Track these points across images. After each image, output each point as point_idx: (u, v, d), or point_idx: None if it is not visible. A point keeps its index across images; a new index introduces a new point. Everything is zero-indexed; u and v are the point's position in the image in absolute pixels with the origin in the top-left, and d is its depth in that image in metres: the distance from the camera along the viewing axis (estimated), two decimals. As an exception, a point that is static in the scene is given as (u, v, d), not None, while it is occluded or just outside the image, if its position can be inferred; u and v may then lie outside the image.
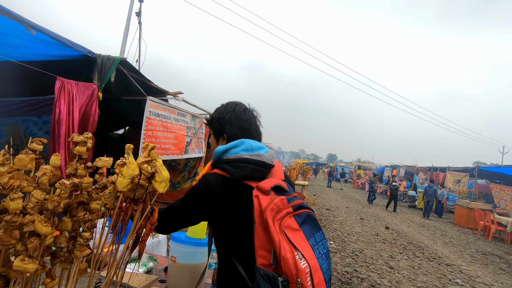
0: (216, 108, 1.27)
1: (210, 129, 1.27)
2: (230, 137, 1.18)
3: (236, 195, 1.00)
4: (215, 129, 1.23)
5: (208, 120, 1.28)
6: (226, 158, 1.10)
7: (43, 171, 0.58)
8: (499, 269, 5.92)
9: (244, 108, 1.24)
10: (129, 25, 7.73)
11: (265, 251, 0.89)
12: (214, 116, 1.24)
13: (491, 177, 13.80)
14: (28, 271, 0.54)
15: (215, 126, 1.23)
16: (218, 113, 1.23)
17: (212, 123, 1.24)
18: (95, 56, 3.17)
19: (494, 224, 9.20)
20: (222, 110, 1.24)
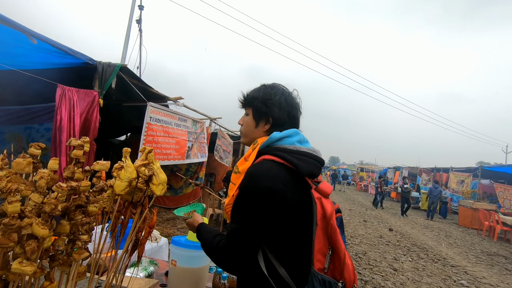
0: (256, 88, 1.13)
1: (248, 108, 1.12)
2: (277, 123, 1.06)
3: (299, 192, 0.92)
4: (258, 110, 1.08)
5: (247, 99, 1.12)
6: (283, 147, 0.99)
7: (41, 175, 0.59)
8: (505, 269, 5.85)
9: (291, 92, 1.12)
10: (130, 32, 7.81)
11: (322, 255, 0.91)
12: (257, 96, 1.09)
13: (495, 177, 13.70)
14: (26, 273, 0.55)
15: (258, 106, 1.08)
16: (264, 93, 1.08)
17: (253, 103, 1.09)
18: (95, 63, 3.21)
19: (499, 224, 9.11)
20: (268, 90, 1.09)
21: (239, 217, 0.93)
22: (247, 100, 1.12)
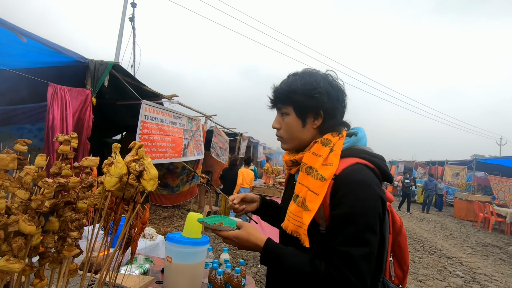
0: (288, 80, 0.94)
1: (285, 107, 0.94)
2: (329, 115, 0.92)
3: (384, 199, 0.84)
4: (302, 106, 0.91)
5: (282, 95, 0.93)
6: (365, 149, 0.91)
7: (27, 171, 0.58)
8: (500, 259, 5.94)
9: (329, 74, 0.97)
10: (123, 31, 7.73)
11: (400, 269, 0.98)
12: (295, 89, 0.91)
13: (490, 169, 13.86)
14: (13, 270, 0.54)
15: (300, 101, 0.91)
16: (304, 83, 0.91)
17: (294, 99, 0.91)
18: (87, 62, 3.18)
19: (493, 216, 9.24)
20: (307, 79, 0.92)
21: (358, 237, 0.76)
22: (283, 97, 0.93)
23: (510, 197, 10.74)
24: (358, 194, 0.79)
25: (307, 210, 0.82)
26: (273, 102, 1.00)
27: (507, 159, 12.58)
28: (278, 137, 1.01)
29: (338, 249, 0.77)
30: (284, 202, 1.07)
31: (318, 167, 0.85)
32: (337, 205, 0.81)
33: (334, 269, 0.75)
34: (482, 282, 4.44)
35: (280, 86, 0.96)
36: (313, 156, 0.90)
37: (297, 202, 0.87)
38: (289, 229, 0.88)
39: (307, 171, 0.88)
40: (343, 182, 0.81)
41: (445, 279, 4.44)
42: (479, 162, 14.34)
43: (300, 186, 0.89)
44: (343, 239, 0.77)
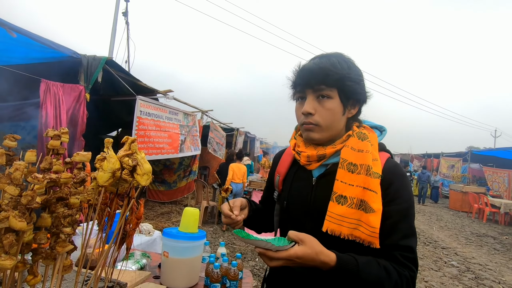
0: (332, 61, 0.85)
1: (329, 89, 0.84)
2: (362, 105, 0.92)
3: None
4: (350, 91, 0.85)
5: (328, 74, 0.83)
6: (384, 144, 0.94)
7: (16, 167, 0.57)
8: (494, 249, 6.04)
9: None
10: (116, 26, 7.62)
11: None
12: (346, 73, 0.84)
13: (484, 161, 14.01)
14: (5, 267, 0.54)
15: (349, 86, 0.84)
16: (350, 67, 0.86)
17: (343, 82, 0.84)
18: (80, 57, 3.13)
19: (488, 207, 9.37)
20: (350, 63, 0.87)
21: (413, 228, 0.82)
22: (329, 78, 0.83)
23: (504, 188, 10.89)
24: (408, 187, 0.85)
25: (373, 212, 0.78)
26: (309, 82, 0.85)
27: (501, 150, 12.72)
28: (310, 124, 0.87)
29: (400, 244, 0.79)
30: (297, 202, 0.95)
31: (371, 164, 0.82)
32: (392, 201, 0.81)
33: (402, 266, 0.78)
34: (476, 271, 4.52)
35: (323, 65, 0.84)
36: (354, 152, 0.85)
37: (350, 204, 0.81)
38: (344, 233, 0.81)
39: (349, 168, 0.83)
40: (393, 177, 0.83)
41: (440, 269, 4.51)
42: (474, 154, 14.49)
43: (344, 186, 0.82)
44: (403, 233, 0.80)
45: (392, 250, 0.79)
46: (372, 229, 0.77)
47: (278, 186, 1.04)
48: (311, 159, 0.90)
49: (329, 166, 0.91)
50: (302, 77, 0.88)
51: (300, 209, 0.93)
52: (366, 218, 0.79)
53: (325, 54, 0.91)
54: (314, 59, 0.91)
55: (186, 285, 1.31)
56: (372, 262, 0.77)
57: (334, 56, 0.88)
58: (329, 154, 0.88)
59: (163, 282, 1.31)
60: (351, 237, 0.80)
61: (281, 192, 1.03)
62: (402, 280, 0.77)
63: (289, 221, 0.99)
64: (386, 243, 0.79)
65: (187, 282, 1.32)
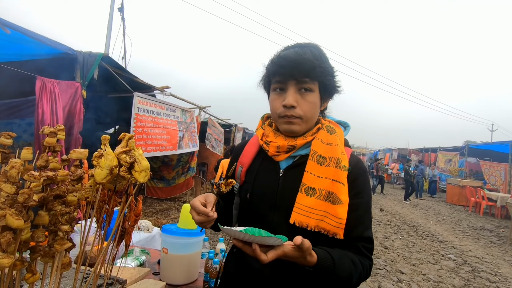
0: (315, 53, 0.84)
1: (310, 82, 0.83)
2: (331, 99, 0.95)
3: None
4: (328, 86, 0.87)
5: (312, 66, 0.81)
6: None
7: (12, 165, 0.56)
8: (490, 242, 6.11)
9: None
10: (112, 21, 7.54)
11: None
12: (327, 66, 0.85)
13: (481, 155, 14.10)
14: (3, 265, 0.53)
15: (328, 80, 0.86)
16: (327, 60, 0.87)
17: (323, 76, 0.84)
18: (75, 53, 3.10)
19: (484, 200, 9.46)
20: (327, 58, 0.88)
21: (371, 220, 0.89)
22: (313, 70, 0.82)
23: (500, 182, 10.99)
24: (369, 182, 0.90)
25: (340, 204, 0.80)
26: (293, 74, 0.82)
27: (498, 144, 12.80)
28: (292, 117, 0.85)
29: (363, 235, 0.84)
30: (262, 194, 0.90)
31: (341, 157, 0.84)
32: (358, 194, 0.85)
33: (364, 256, 0.83)
34: (473, 264, 4.57)
35: (307, 57, 0.82)
36: (324, 144, 0.86)
37: (318, 196, 0.81)
38: (311, 225, 0.80)
39: (319, 161, 0.84)
40: (358, 172, 0.87)
41: (437, 262, 4.56)
42: (471, 148, 14.57)
43: (313, 177, 0.83)
44: (366, 225, 0.85)
45: (355, 241, 0.83)
46: (339, 220, 0.79)
47: (240, 177, 0.98)
48: (281, 149, 0.89)
49: (297, 158, 0.90)
50: (285, 67, 0.83)
51: (266, 201, 0.90)
52: (333, 209, 0.80)
53: (304, 45, 0.88)
54: (294, 47, 0.87)
55: (185, 281, 1.32)
56: (343, 256, 0.78)
57: (313, 47, 0.87)
58: (299, 145, 0.88)
59: (163, 278, 1.32)
60: (317, 228, 0.81)
61: (243, 184, 0.97)
62: (364, 270, 0.82)
63: (251, 213, 0.93)
64: (351, 234, 0.82)
65: (186, 278, 1.33)
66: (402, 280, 3.79)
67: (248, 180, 0.96)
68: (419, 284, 3.68)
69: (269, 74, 0.90)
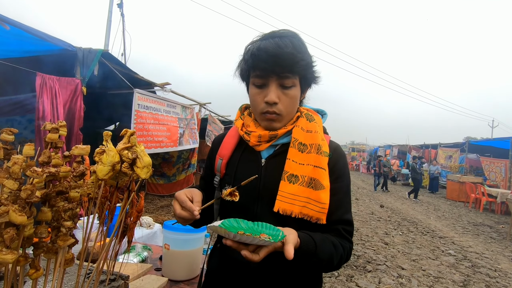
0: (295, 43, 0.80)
1: (293, 77, 0.81)
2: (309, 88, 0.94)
3: None
4: (308, 78, 0.87)
5: (294, 61, 0.78)
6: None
7: (14, 161, 0.56)
8: (490, 238, 6.13)
9: None
10: (111, 18, 7.50)
11: None
12: (307, 58, 0.83)
13: (482, 151, 14.10)
14: (6, 261, 0.53)
15: (308, 72, 0.85)
16: (306, 50, 0.84)
17: (303, 66, 0.81)
18: (75, 50, 3.09)
19: (484, 196, 9.47)
20: (304, 44, 0.85)
21: (350, 203, 0.91)
22: (294, 65, 0.79)
23: (501, 178, 10.99)
24: (347, 166, 0.93)
25: (323, 189, 0.81)
26: (275, 70, 0.79)
27: (498, 140, 12.79)
28: (274, 113, 0.84)
29: (343, 218, 0.85)
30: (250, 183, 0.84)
31: (321, 143, 0.85)
32: (338, 178, 0.87)
33: (344, 239, 0.84)
34: (473, 260, 4.59)
35: (289, 50, 0.78)
36: (304, 132, 0.87)
37: (301, 182, 0.82)
38: (295, 212, 0.81)
39: (300, 148, 0.85)
40: (338, 157, 0.89)
41: (437, 258, 4.58)
42: (471, 144, 14.57)
43: (295, 165, 0.83)
44: (346, 208, 0.87)
45: (335, 224, 0.85)
46: (322, 205, 0.80)
47: (221, 170, 0.96)
48: (262, 139, 0.87)
49: (278, 146, 0.90)
50: (265, 62, 0.79)
51: (248, 192, 0.87)
52: (316, 195, 0.81)
53: (284, 34, 0.82)
54: (273, 37, 0.81)
55: (187, 276, 1.33)
56: (324, 239, 0.79)
57: (293, 37, 0.82)
58: (280, 134, 0.88)
59: (165, 274, 1.32)
60: (301, 215, 0.81)
61: (224, 176, 0.95)
62: (345, 252, 0.83)
63: (234, 206, 0.90)
64: (331, 217, 0.83)
65: (188, 273, 1.33)
66: (402, 275, 3.81)
67: (229, 172, 0.94)
68: (419, 280, 3.70)
69: (248, 66, 0.85)
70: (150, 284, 1.11)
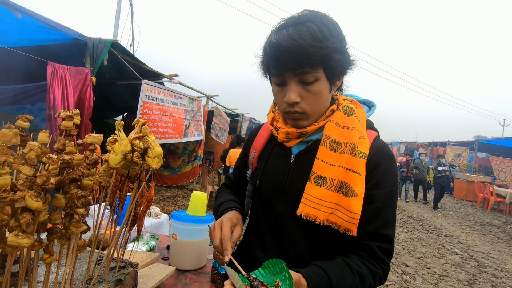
0: (305, 32, 0.67)
1: (315, 70, 0.69)
2: (346, 74, 0.79)
3: None
4: (337, 64, 0.71)
5: (312, 52, 0.66)
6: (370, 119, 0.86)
7: (30, 147, 0.57)
8: (497, 238, 6.06)
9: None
10: (120, 8, 7.49)
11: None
12: (327, 42, 0.67)
13: (492, 150, 13.85)
14: (23, 245, 0.54)
15: (335, 59, 0.70)
16: (332, 35, 0.69)
17: (327, 56, 0.68)
18: (85, 39, 3.10)
19: (493, 196, 9.33)
20: (333, 28, 0.69)
21: (394, 215, 0.76)
22: (314, 57, 0.67)
23: (510, 178, 10.80)
24: (394, 170, 0.77)
25: (355, 196, 0.70)
26: (289, 66, 0.69)
27: (509, 139, 12.53)
28: (296, 113, 0.76)
29: (380, 232, 0.73)
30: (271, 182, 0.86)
31: (358, 142, 0.74)
32: (378, 184, 0.74)
33: (377, 260, 0.73)
34: (479, 259, 4.55)
35: (303, 41, 0.66)
36: (339, 128, 0.76)
37: (329, 186, 0.73)
38: (320, 218, 0.73)
39: (332, 147, 0.75)
40: (381, 158, 0.76)
41: (443, 257, 4.55)
42: (481, 143, 14.31)
43: (325, 165, 0.74)
44: (385, 221, 0.74)
45: (370, 239, 0.73)
46: (352, 215, 0.70)
47: (253, 163, 0.93)
48: (291, 136, 0.81)
49: (311, 143, 0.82)
50: (278, 59, 0.71)
51: (274, 189, 0.84)
52: (346, 202, 0.71)
53: (300, 20, 0.70)
54: (287, 28, 0.70)
55: (194, 266, 1.34)
56: (346, 272, 0.69)
57: (311, 21, 0.69)
58: (311, 131, 0.79)
59: (172, 263, 1.34)
60: (327, 222, 0.73)
61: (255, 170, 0.92)
62: (376, 281, 0.72)
63: (261, 202, 0.88)
64: (365, 230, 0.73)
65: (195, 264, 1.34)
66: (406, 272, 3.80)
67: (259, 166, 0.91)
68: (423, 277, 3.69)
69: (264, 64, 0.78)
70: (159, 273, 1.13)
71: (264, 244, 0.87)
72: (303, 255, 0.80)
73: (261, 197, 0.90)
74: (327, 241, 0.79)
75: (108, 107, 6.90)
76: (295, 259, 0.80)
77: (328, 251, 0.79)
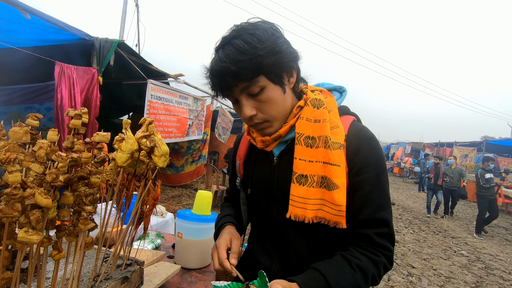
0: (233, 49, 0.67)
1: (256, 80, 0.69)
2: (298, 67, 0.78)
3: None
4: (275, 66, 0.71)
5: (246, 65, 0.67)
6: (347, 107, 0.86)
7: (40, 145, 0.58)
8: (505, 240, 5.97)
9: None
10: (126, 8, 7.56)
11: None
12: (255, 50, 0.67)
13: (500, 151, 13.65)
14: (32, 242, 0.55)
15: (271, 62, 0.69)
16: (260, 40, 0.69)
17: (261, 63, 0.68)
18: (92, 40, 3.13)
19: (501, 197, 9.20)
20: (260, 34, 0.69)
21: (387, 196, 0.74)
22: (249, 69, 0.67)
23: (519, 179, 10.63)
24: (378, 151, 0.74)
25: (337, 188, 0.69)
26: (229, 86, 0.71)
27: (518, 140, 12.33)
28: (257, 124, 0.76)
29: (374, 218, 0.71)
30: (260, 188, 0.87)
31: (329, 134, 0.72)
32: (362, 169, 0.72)
33: (378, 247, 0.71)
34: (486, 261, 4.49)
35: (230, 59, 0.67)
36: (311, 123, 0.75)
37: (310, 183, 0.72)
38: (308, 217, 0.72)
39: (307, 143, 0.74)
40: (360, 143, 0.74)
41: (449, 258, 4.50)
42: (489, 143, 14.11)
43: (304, 163, 0.73)
44: (377, 204, 0.71)
45: (366, 227, 0.71)
46: (338, 207, 0.69)
47: (240, 171, 0.94)
48: (267, 142, 0.82)
49: (289, 141, 0.81)
50: (217, 84, 0.73)
51: (264, 195, 0.85)
52: (330, 196, 0.70)
53: (226, 40, 0.70)
54: (218, 51, 0.72)
55: (199, 265, 1.35)
56: (344, 268, 0.68)
57: (237, 37, 0.69)
58: (284, 132, 0.78)
59: (177, 261, 1.35)
60: (316, 219, 0.73)
61: (243, 177, 0.93)
62: (380, 269, 0.71)
63: (256, 209, 0.89)
64: (359, 218, 0.72)
65: (200, 262, 1.35)
66: (412, 274, 3.77)
67: (247, 173, 0.92)
68: (429, 279, 3.65)
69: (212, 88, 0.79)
70: (164, 271, 1.13)
71: (267, 249, 0.88)
72: (304, 255, 0.81)
73: (255, 204, 0.91)
74: (324, 238, 0.79)
75: (114, 107, 6.96)
76: (297, 261, 0.81)
77: (327, 248, 0.79)
